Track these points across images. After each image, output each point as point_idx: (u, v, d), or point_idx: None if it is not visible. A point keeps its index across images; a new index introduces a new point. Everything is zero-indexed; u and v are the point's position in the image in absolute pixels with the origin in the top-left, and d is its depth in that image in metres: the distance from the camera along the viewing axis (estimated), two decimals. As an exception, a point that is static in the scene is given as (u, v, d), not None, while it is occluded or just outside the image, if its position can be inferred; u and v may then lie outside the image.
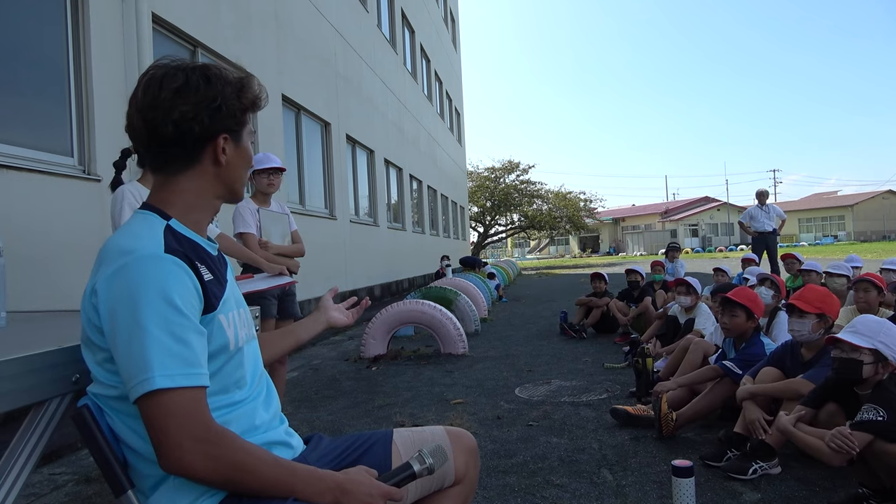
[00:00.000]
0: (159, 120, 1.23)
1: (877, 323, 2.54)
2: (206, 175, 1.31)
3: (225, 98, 1.28)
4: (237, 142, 1.33)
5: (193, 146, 1.28)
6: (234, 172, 1.35)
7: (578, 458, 3.25)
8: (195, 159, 1.29)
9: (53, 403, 1.32)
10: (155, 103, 1.24)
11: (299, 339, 1.77)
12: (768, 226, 10.76)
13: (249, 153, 1.39)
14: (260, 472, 1.17)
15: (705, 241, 58.43)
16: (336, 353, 7.14)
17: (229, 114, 1.29)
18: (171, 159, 1.29)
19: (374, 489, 1.24)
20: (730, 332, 3.73)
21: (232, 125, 1.31)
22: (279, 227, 4.13)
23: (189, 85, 1.25)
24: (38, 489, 3.06)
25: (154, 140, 1.26)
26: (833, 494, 2.66)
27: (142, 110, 1.25)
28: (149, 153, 1.30)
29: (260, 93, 1.37)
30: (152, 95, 1.24)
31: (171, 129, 1.24)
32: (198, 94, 1.25)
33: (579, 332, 7.43)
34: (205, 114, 1.25)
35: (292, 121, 9.37)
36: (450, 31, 26.49)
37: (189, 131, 1.25)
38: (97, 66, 4.91)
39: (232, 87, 1.30)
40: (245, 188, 1.43)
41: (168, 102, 1.23)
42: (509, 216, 40.13)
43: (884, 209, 59.96)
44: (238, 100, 1.30)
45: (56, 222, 4.45)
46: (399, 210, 16.15)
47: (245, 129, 1.36)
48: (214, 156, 1.30)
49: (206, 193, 1.34)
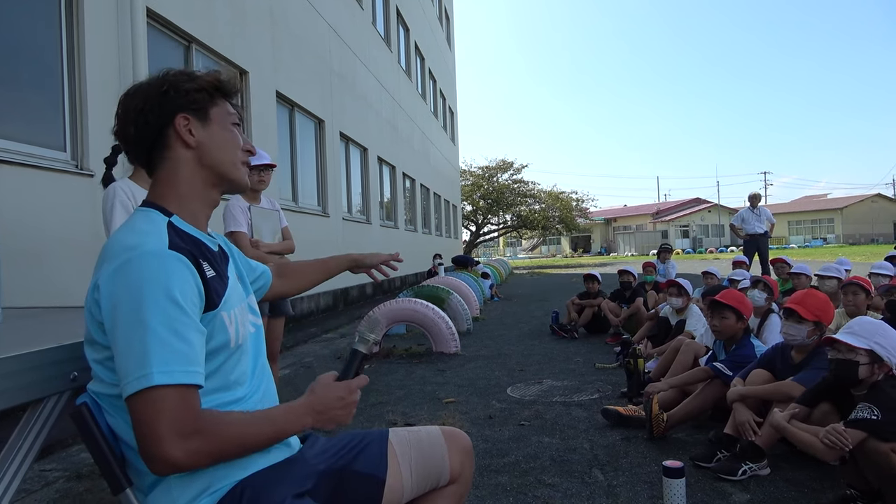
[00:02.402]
0: (124, 127, 1.32)
1: (873, 324, 2.57)
2: (183, 161, 1.33)
3: (174, 83, 1.32)
4: (203, 120, 1.34)
5: (154, 132, 1.31)
6: (213, 154, 1.35)
7: (570, 457, 3.27)
8: (164, 146, 1.32)
9: (51, 401, 1.33)
10: (119, 119, 1.33)
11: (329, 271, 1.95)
12: (759, 228, 10.83)
13: (230, 135, 1.38)
14: (243, 435, 1.18)
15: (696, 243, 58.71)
16: (328, 350, 7.14)
17: (180, 93, 1.31)
18: (144, 153, 1.34)
19: (340, 391, 1.31)
20: (720, 335, 3.76)
21: (187, 104, 1.32)
22: (270, 224, 4.12)
23: (140, 86, 1.33)
24: (30, 485, 3.05)
25: (129, 145, 1.34)
26: (821, 496, 2.69)
27: (117, 133, 1.35)
28: (133, 158, 1.37)
29: (224, 76, 1.39)
30: (117, 116, 1.34)
31: (133, 131, 1.31)
32: (149, 88, 1.32)
33: (570, 332, 7.46)
34: (155, 101, 1.30)
35: (286, 118, 9.34)
36: (444, 30, 26.47)
37: (147, 122, 1.30)
38: (91, 61, 4.88)
39: (185, 74, 1.34)
40: (245, 176, 1.42)
41: (124, 110, 1.32)
42: (502, 215, 40.19)
43: (873, 212, 60.51)
44: (191, 81, 1.33)
45: (49, 217, 4.42)
46: (392, 208, 16.14)
47: (213, 110, 1.35)
48: (180, 138, 1.32)
49: (196, 181, 1.34)
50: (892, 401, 2.35)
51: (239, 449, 1.19)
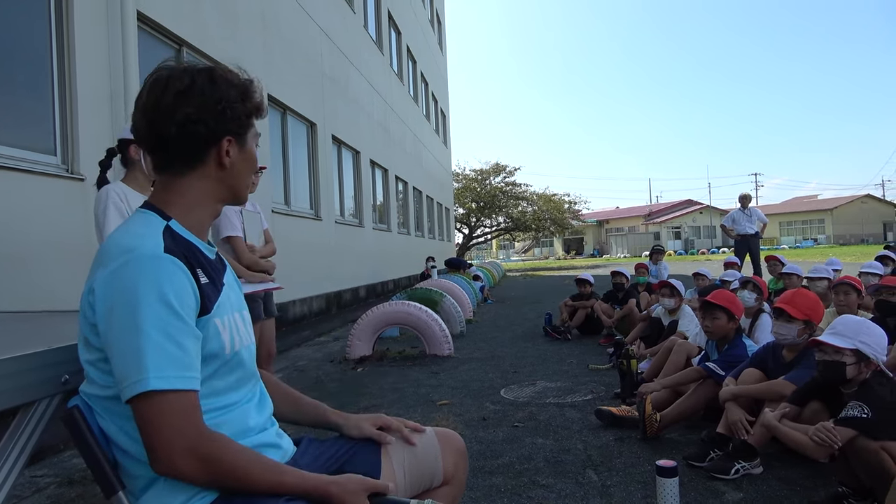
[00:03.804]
0: (162, 122, 1.24)
1: (856, 323, 2.58)
2: (209, 177, 1.32)
3: (229, 101, 1.28)
4: (242, 145, 1.34)
5: (198, 148, 1.28)
6: (237, 175, 1.35)
7: (564, 458, 3.27)
8: (199, 161, 1.29)
9: (42, 404, 1.32)
10: (158, 105, 1.25)
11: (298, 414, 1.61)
12: (750, 229, 10.88)
13: (254, 157, 1.39)
14: (250, 474, 1.18)
15: (688, 244, 58.98)
16: (321, 354, 7.12)
17: (234, 117, 1.29)
18: (175, 160, 1.29)
19: (358, 485, 1.25)
20: (712, 335, 3.78)
21: (236, 128, 1.31)
22: (255, 227, 4.12)
23: (194, 87, 1.25)
24: (20, 491, 3.02)
25: (157, 141, 1.27)
26: (813, 494, 2.70)
27: (145, 111, 1.27)
28: (153, 154, 1.30)
29: (263, 101, 1.38)
30: (155, 97, 1.25)
31: (175, 131, 1.24)
32: (203, 96, 1.25)
33: (564, 334, 7.47)
34: (209, 116, 1.26)
35: (278, 121, 9.33)
36: (436, 33, 26.51)
37: (194, 133, 1.25)
38: (81, 64, 4.86)
39: (237, 90, 1.30)
40: (248, 191, 1.43)
41: (172, 105, 1.24)
42: (495, 218, 40.25)
43: (862, 213, 60.99)
44: (243, 104, 1.31)
45: (39, 221, 4.39)
46: (385, 211, 16.13)
47: (250, 133, 1.36)
48: (219, 158, 1.30)
49: (209, 195, 1.34)
50: (881, 399, 2.37)
51: (239, 478, 1.18)
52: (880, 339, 2.52)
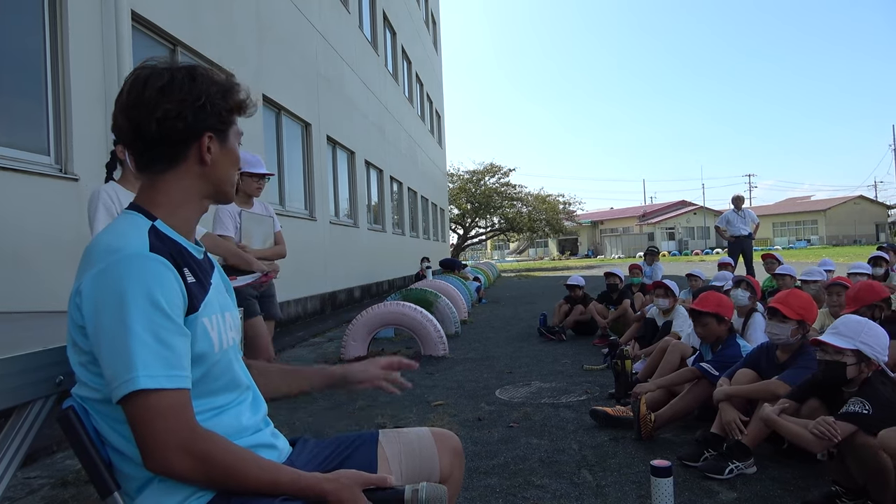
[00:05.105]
0: (142, 118, 1.23)
1: (858, 323, 2.59)
2: (191, 174, 1.31)
3: (210, 97, 1.27)
4: (223, 142, 1.33)
5: (178, 144, 1.27)
6: (220, 172, 1.34)
7: (559, 458, 3.28)
8: (180, 157, 1.29)
9: (37, 405, 1.31)
10: (139, 102, 1.24)
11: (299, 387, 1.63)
12: (744, 230, 10.94)
13: (236, 154, 1.38)
14: (245, 473, 1.18)
15: (682, 245, 59.12)
16: (316, 354, 7.11)
17: (214, 113, 1.28)
18: (156, 158, 1.28)
19: (352, 478, 1.25)
20: (706, 339, 3.81)
21: (216, 124, 1.30)
22: (262, 229, 4.10)
23: (174, 83, 1.24)
24: (14, 493, 3.01)
25: (138, 139, 1.26)
26: (807, 493, 2.72)
27: (126, 109, 1.25)
28: (134, 152, 1.29)
29: (247, 99, 1.36)
30: (136, 94, 1.24)
31: (155, 128, 1.23)
32: (182, 92, 1.24)
33: (558, 335, 7.48)
34: (189, 112, 1.25)
35: (273, 121, 9.31)
36: (431, 34, 26.51)
37: (173, 129, 1.24)
38: (75, 64, 4.84)
39: (218, 86, 1.29)
40: (235, 189, 1.42)
41: (152, 101, 1.23)
42: (489, 218, 40.28)
43: (855, 214, 61.33)
44: (224, 100, 1.30)
45: (32, 221, 4.38)
46: (379, 211, 16.11)
47: (231, 130, 1.35)
48: (199, 154, 1.29)
49: (193, 193, 1.33)
50: (882, 397, 2.39)
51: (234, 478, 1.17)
52: (882, 339, 2.54)
